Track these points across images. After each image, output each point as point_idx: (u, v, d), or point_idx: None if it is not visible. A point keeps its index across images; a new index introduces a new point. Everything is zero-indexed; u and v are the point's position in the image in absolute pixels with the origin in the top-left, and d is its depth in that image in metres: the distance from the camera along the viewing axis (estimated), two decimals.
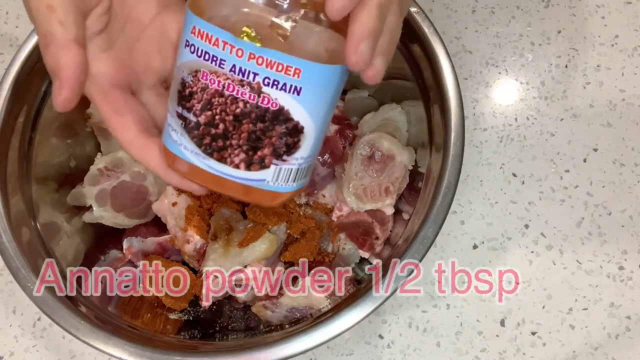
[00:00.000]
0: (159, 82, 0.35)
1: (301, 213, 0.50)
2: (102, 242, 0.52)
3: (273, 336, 0.43)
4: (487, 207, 0.56)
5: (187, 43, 0.29)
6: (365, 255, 0.51)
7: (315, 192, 0.52)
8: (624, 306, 0.53)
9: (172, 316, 0.50)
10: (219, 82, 0.29)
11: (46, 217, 0.48)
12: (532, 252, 0.55)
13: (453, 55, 0.58)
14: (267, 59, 0.27)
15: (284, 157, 0.30)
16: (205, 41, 0.28)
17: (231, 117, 0.29)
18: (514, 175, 0.57)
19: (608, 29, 0.61)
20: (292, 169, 0.31)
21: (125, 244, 0.51)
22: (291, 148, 0.30)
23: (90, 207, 0.50)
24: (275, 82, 0.28)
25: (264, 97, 0.28)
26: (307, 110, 0.29)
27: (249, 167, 0.30)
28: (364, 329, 0.53)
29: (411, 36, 0.45)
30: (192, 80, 0.29)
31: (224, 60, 0.28)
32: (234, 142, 0.30)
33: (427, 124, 0.47)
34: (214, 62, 0.28)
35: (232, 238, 0.46)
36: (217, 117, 0.29)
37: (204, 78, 0.29)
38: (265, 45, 0.27)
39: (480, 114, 0.59)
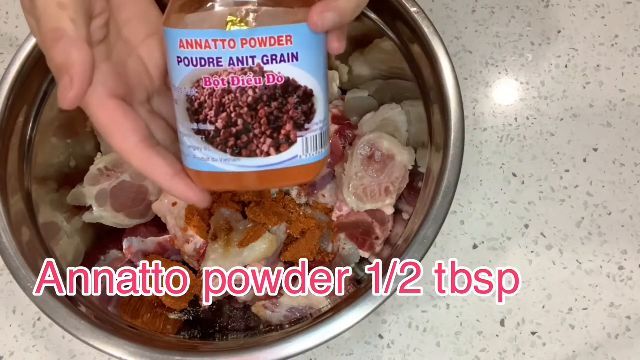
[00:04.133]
0: (148, 99, 0.35)
1: (301, 213, 0.50)
2: (102, 242, 0.52)
3: (273, 336, 0.43)
4: (487, 207, 0.56)
5: (179, 59, 0.30)
6: (365, 255, 0.51)
7: (315, 192, 0.52)
8: (624, 306, 0.53)
9: (172, 316, 0.50)
10: (223, 80, 0.29)
11: (46, 217, 0.48)
12: (532, 252, 0.55)
13: (453, 55, 0.57)
14: (258, 39, 0.28)
15: (306, 125, 0.31)
16: (197, 48, 0.29)
17: (246, 109, 0.30)
18: (514, 175, 0.57)
19: (608, 29, 0.61)
20: (316, 135, 0.32)
21: (125, 244, 0.51)
22: (309, 115, 0.31)
23: (90, 207, 0.50)
24: (274, 57, 0.29)
25: (268, 75, 0.29)
26: (309, 73, 0.30)
27: (278, 149, 0.31)
28: (364, 329, 0.53)
29: (411, 36, 0.45)
30: (197, 92, 0.30)
31: (221, 58, 0.29)
32: (256, 132, 0.30)
33: (427, 124, 0.47)
34: (211, 64, 0.29)
35: (232, 238, 0.46)
36: (233, 114, 0.30)
37: (208, 83, 0.29)
38: (250, 26, 0.28)
39: (480, 114, 0.59)
